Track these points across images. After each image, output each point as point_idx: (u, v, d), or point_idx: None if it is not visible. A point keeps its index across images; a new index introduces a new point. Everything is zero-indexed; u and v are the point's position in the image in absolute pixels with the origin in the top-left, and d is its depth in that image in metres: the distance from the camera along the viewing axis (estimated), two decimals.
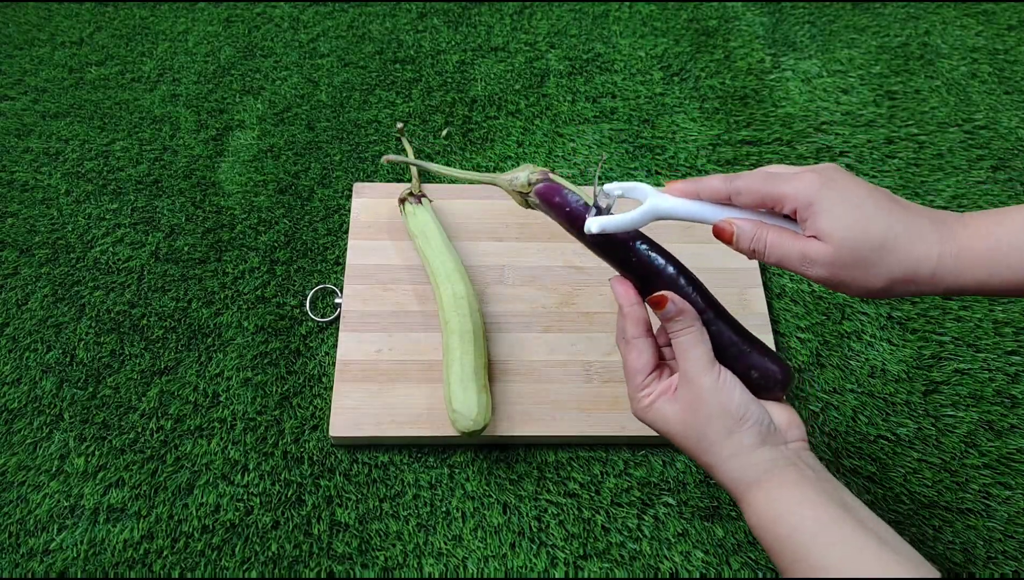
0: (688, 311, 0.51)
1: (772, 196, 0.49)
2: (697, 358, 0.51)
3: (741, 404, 0.50)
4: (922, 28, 1.01)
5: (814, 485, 0.48)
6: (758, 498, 0.49)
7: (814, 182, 0.48)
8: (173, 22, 0.98)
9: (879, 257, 0.47)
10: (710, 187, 0.51)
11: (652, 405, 0.52)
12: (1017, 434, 0.71)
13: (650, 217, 0.51)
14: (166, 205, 0.82)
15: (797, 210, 0.48)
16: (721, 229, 0.51)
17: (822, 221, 0.47)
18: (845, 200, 0.47)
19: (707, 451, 0.51)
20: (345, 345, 0.73)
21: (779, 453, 0.50)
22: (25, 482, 0.67)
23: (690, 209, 0.51)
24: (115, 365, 0.73)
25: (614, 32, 0.99)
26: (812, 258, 0.48)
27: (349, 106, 0.91)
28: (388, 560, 0.64)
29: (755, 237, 0.50)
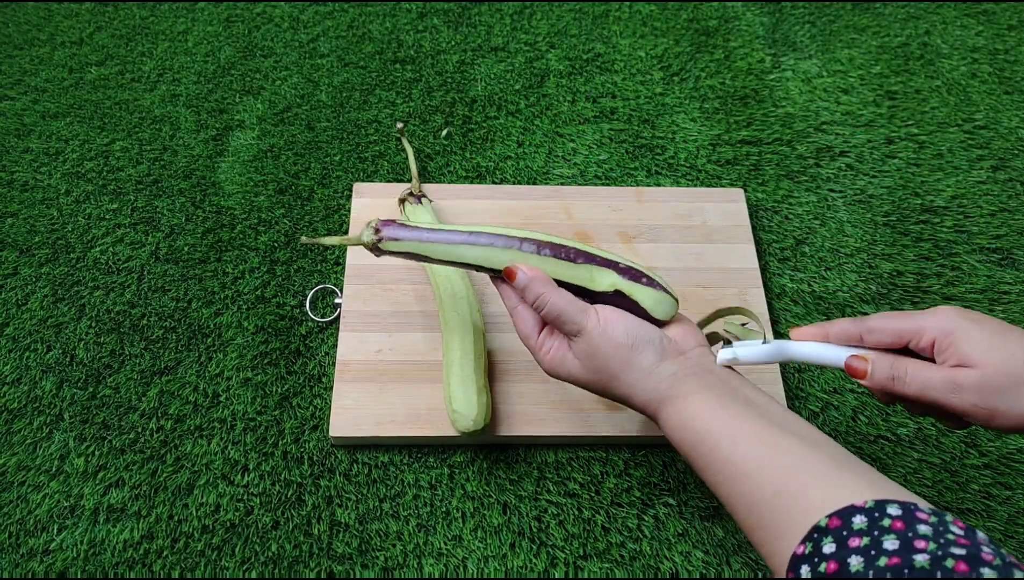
0: (538, 276, 0.54)
1: (909, 329, 0.49)
2: (567, 311, 0.53)
3: (627, 332, 0.52)
4: (922, 28, 1.01)
5: (715, 388, 0.50)
6: (668, 411, 0.51)
7: (951, 313, 0.48)
8: (173, 22, 0.98)
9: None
10: (840, 328, 0.52)
11: (556, 359, 0.55)
12: (1017, 434, 0.71)
13: (777, 357, 0.53)
14: (166, 205, 0.82)
15: (936, 340, 0.48)
16: (854, 367, 0.51)
17: (966, 347, 0.47)
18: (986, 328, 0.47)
19: (616, 385, 0.53)
20: (345, 345, 0.73)
21: (679, 364, 0.52)
22: (25, 482, 0.67)
23: (818, 351, 0.53)
24: (115, 365, 0.73)
25: (614, 32, 0.99)
26: (960, 383, 0.47)
27: (349, 106, 0.91)
28: (388, 560, 0.64)
29: (894, 366, 0.49)
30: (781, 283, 0.80)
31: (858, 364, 0.51)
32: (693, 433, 0.49)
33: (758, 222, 0.84)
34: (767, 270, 0.80)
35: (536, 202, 0.82)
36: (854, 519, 0.40)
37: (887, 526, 0.39)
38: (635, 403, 0.53)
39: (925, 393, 0.48)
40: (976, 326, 0.48)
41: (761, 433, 0.47)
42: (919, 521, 0.39)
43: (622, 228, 0.81)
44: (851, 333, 0.52)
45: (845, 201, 0.85)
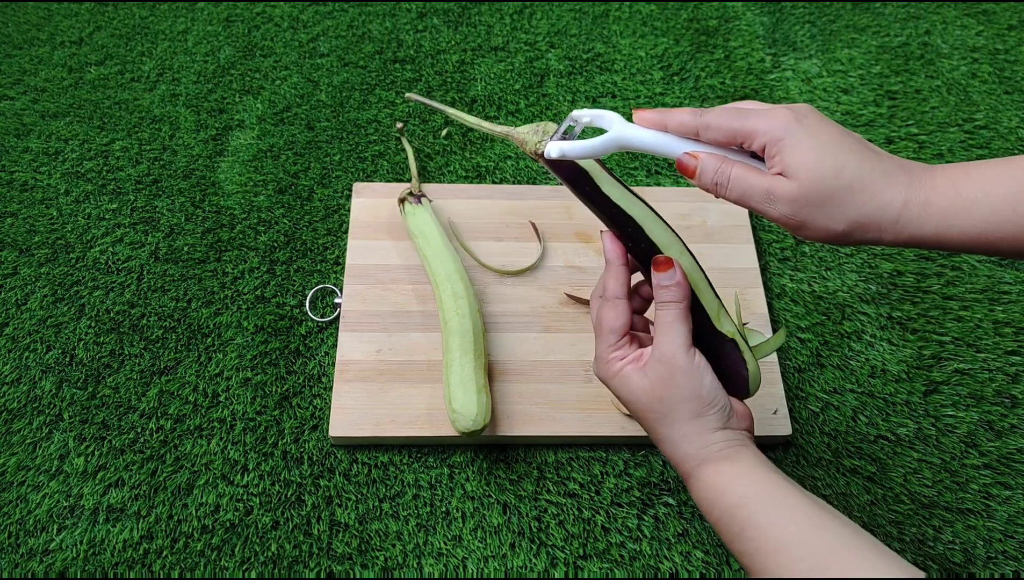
0: (684, 286, 0.51)
1: (742, 130, 0.48)
2: (677, 336, 0.51)
3: (711, 390, 0.51)
4: (922, 28, 1.01)
5: (763, 462, 0.49)
6: (708, 472, 0.50)
7: (786, 118, 0.47)
8: (173, 22, 0.98)
9: (844, 197, 0.45)
10: (678, 119, 0.50)
11: (621, 371, 0.52)
12: (1017, 434, 0.71)
13: (613, 145, 0.50)
14: (166, 205, 0.82)
15: (766, 146, 0.47)
16: (684, 163, 0.49)
17: (790, 157, 0.46)
18: (815, 138, 0.46)
19: (669, 427, 0.51)
20: (345, 345, 0.73)
21: (733, 434, 0.51)
22: (25, 482, 0.67)
23: (655, 140, 0.50)
24: (115, 365, 0.73)
25: (614, 32, 0.99)
26: (776, 195, 0.46)
27: (349, 106, 0.91)
28: (388, 560, 0.64)
29: (719, 171, 0.48)
30: (781, 283, 0.80)
31: (688, 161, 0.49)
32: (729, 497, 0.48)
33: (758, 222, 0.83)
34: (767, 270, 0.80)
35: (536, 202, 0.82)
36: None
37: None
38: (673, 453, 0.51)
39: (743, 200, 0.48)
40: (806, 136, 0.46)
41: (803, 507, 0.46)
42: None
43: None
44: (688, 126, 0.49)
45: None
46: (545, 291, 0.77)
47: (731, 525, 0.47)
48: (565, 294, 0.76)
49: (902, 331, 0.77)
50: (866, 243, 0.47)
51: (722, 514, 0.48)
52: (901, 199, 0.45)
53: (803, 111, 0.48)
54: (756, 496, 0.47)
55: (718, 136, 0.49)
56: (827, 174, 0.45)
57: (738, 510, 0.47)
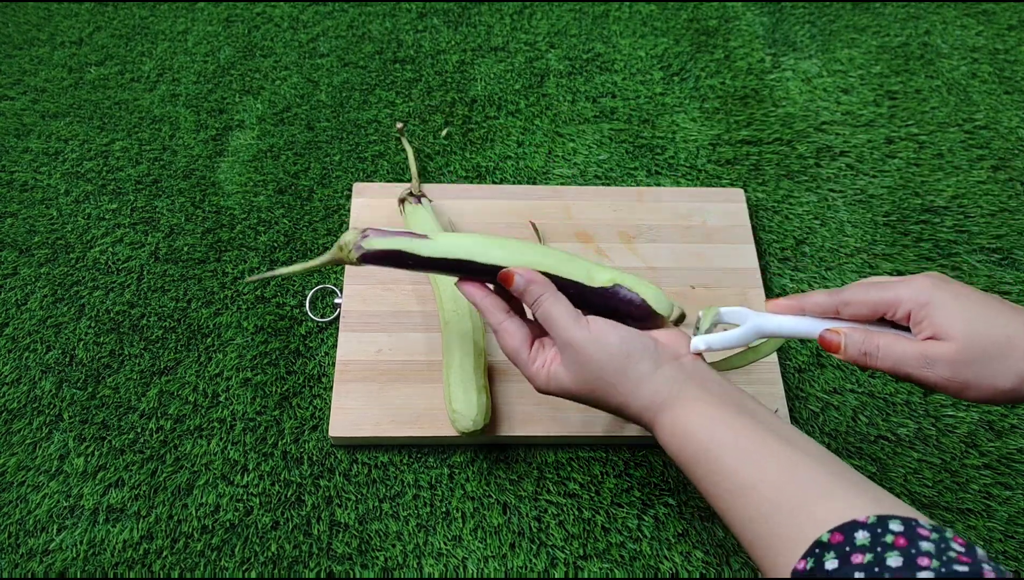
0: (536, 278, 0.53)
1: (884, 301, 0.48)
2: (561, 318, 0.52)
3: (622, 342, 0.51)
4: (922, 28, 1.01)
5: (715, 397, 0.49)
6: (666, 420, 0.50)
7: (927, 283, 0.48)
8: (173, 22, 0.98)
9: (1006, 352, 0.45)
10: (815, 301, 0.51)
11: (548, 375, 0.54)
12: (1017, 434, 0.71)
13: (752, 335, 0.52)
14: (166, 205, 0.82)
15: (911, 312, 0.48)
16: (828, 340, 0.50)
17: (940, 319, 0.46)
18: (962, 300, 0.47)
19: (611, 395, 0.52)
20: (345, 345, 0.73)
21: (675, 369, 0.51)
22: (25, 482, 0.67)
23: (795, 324, 0.52)
24: (115, 365, 0.73)
25: (614, 32, 0.99)
26: (933, 358, 0.46)
27: (349, 106, 0.91)
28: (388, 560, 0.64)
29: (865, 341, 0.49)
30: (781, 283, 0.80)
31: (832, 338, 0.50)
32: (691, 443, 0.48)
33: (758, 222, 0.83)
34: (767, 270, 0.80)
35: (536, 202, 0.82)
36: (856, 534, 0.39)
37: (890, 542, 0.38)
38: (631, 412, 0.52)
39: (899, 368, 0.48)
40: (951, 297, 0.47)
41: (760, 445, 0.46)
42: (921, 537, 0.38)
43: (622, 228, 0.80)
44: (826, 306, 0.51)
45: (845, 201, 0.85)
46: None
47: (695, 469, 0.48)
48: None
49: None
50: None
51: (687, 459, 0.49)
52: None
53: (939, 277, 0.49)
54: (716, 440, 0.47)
55: (860, 310, 0.50)
56: (982, 331, 0.46)
57: (700, 456, 0.48)
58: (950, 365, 0.46)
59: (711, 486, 0.47)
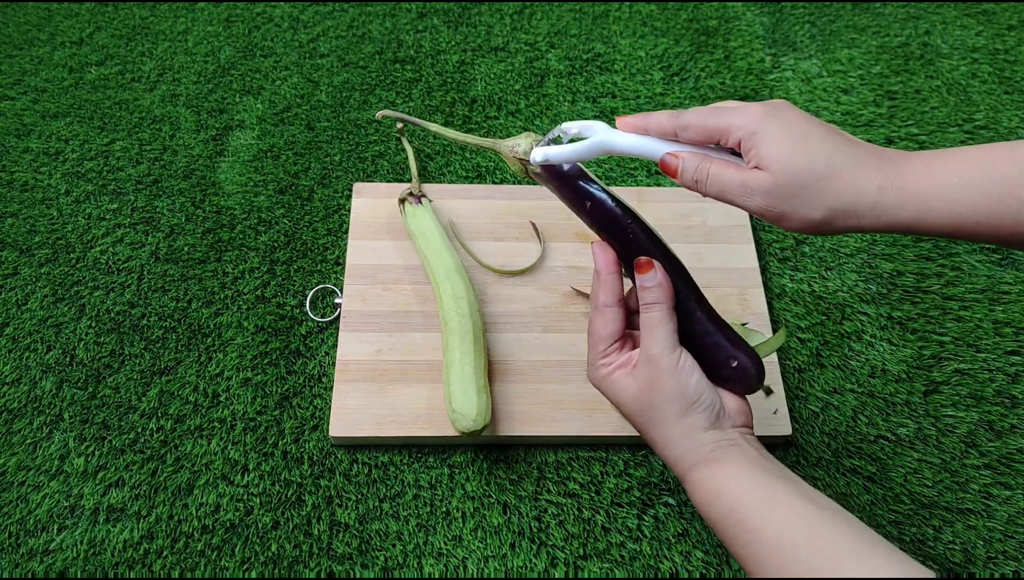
0: (667, 286, 0.52)
1: (718, 127, 0.49)
2: (662, 337, 0.51)
3: (696, 388, 0.51)
4: (922, 28, 1.01)
5: (755, 462, 0.49)
6: (702, 475, 0.50)
7: (759, 112, 0.48)
8: (173, 22, 0.98)
9: (820, 186, 0.46)
10: (657, 122, 0.51)
11: (610, 376, 0.53)
12: (1017, 434, 0.71)
13: (597, 149, 0.51)
14: (166, 205, 0.82)
15: (741, 141, 0.48)
16: (667, 163, 0.51)
17: (764, 150, 0.47)
18: (788, 130, 0.47)
19: (657, 429, 0.51)
20: (345, 345, 0.73)
21: (724, 435, 0.51)
22: (25, 482, 0.67)
23: (637, 143, 0.52)
24: (115, 365, 0.73)
25: (614, 32, 0.99)
26: (752, 187, 0.47)
27: (349, 106, 0.91)
28: (388, 560, 0.64)
29: (698, 168, 0.49)
30: (781, 283, 0.80)
31: (670, 161, 0.51)
32: (724, 501, 0.48)
33: (758, 222, 0.83)
34: (767, 270, 0.80)
35: (536, 202, 0.82)
36: None
37: None
38: (665, 454, 0.52)
39: (723, 195, 0.49)
40: (780, 126, 0.47)
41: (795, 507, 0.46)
42: None
43: None
44: (667, 127, 0.51)
45: None
46: (545, 291, 0.77)
47: (727, 528, 0.48)
48: (571, 288, 0.76)
49: (902, 331, 0.77)
50: (846, 231, 0.47)
51: (718, 517, 0.48)
52: (876, 184, 0.46)
53: (777, 105, 0.49)
54: (751, 499, 0.47)
55: (695, 135, 0.50)
56: (800, 163, 0.46)
57: (733, 514, 0.47)
58: (766, 195, 0.47)
59: (741, 545, 0.47)
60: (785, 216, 0.47)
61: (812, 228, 0.47)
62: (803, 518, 0.45)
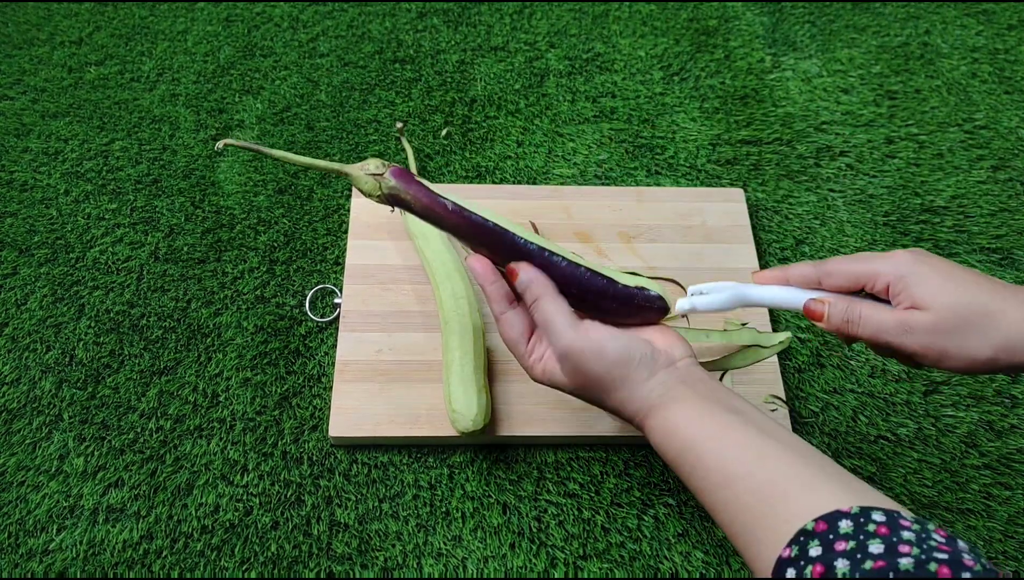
0: (537, 279, 0.53)
1: (865, 272, 0.50)
2: (560, 327, 0.52)
3: (618, 350, 0.51)
4: (922, 28, 1.01)
5: (702, 396, 0.50)
6: (654, 422, 0.50)
7: (907, 256, 0.49)
8: (172, 22, 0.98)
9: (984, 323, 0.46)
10: (799, 272, 0.53)
11: (545, 369, 0.54)
12: (1017, 434, 0.71)
13: (738, 302, 0.53)
14: (165, 205, 0.82)
15: (890, 285, 0.49)
16: (812, 308, 0.52)
17: (921, 291, 0.47)
18: (941, 272, 0.48)
19: (605, 398, 0.53)
20: (345, 345, 0.72)
21: (669, 374, 0.52)
22: (24, 482, 0.67)
23: (779, 294, 0.53)
24: (114, 365, 0.73)
25: (614, 32, 0.99)
26: (912, 326, 0.48)
27: (349, 106, 0.91)
28: (388, 560, 0.64)
29: (848, 309, 0.50)
30: None
31: (816, 306, 0.51)
32: (679, 441, 0.49)
33: (758, 222, 0.83)
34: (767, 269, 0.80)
35: (536, 202, 0.82)
36: (840, 523, 0.40)
37: (872, 531, 0.39)
38: (624, 415, 0.53)
39: (879, 336, 0.49)
40: (930, 269, 0.48)
41: (746, 440, 0.46)
42: (903, 527, 0.39)
43: (622, 228, 0.80)
44: (810, 276, 0.52)
45: (845, 201, 0.85)
46: None
47: (683, 466, 0.49)
48: None
49: None
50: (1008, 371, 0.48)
51: (675, 456, 0.49)
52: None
53: (920, 251, 0.50)
54: (699, 436, 0.48)
55: (841, 281, 0.51)
56: (962, 302, 0.47)
57: (688, 452, 0.48)
58: (928, 333, 0.47)
59: (697, 481, 0.48)
60: (947, 355, 0.47)
61: (976, 367, 0.47)
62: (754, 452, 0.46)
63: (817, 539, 0.40)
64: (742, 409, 0.49)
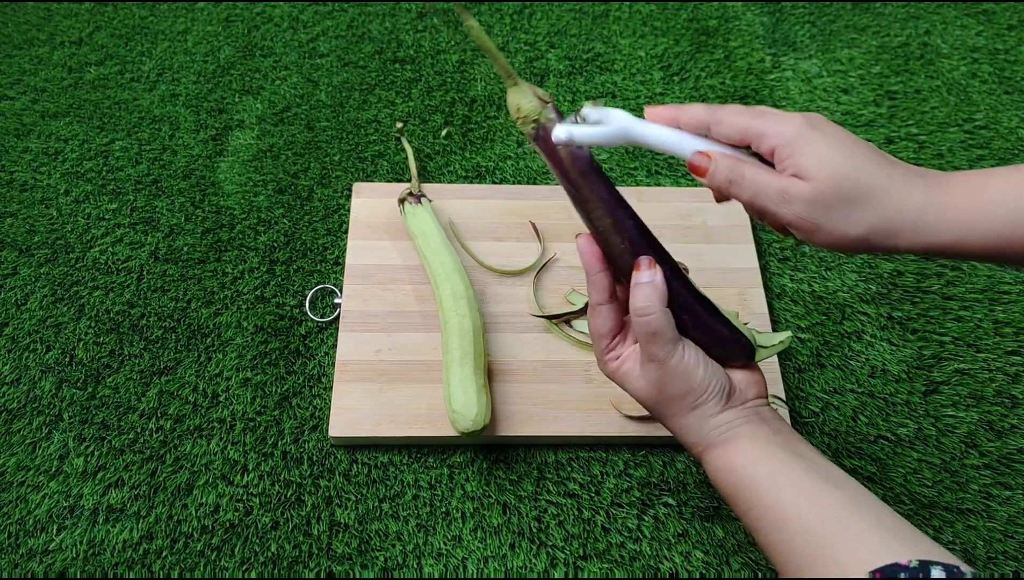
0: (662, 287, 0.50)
1: (755, 129, 0.47)
2: (661, 340, 0.50)
3: (703, 380, 0.51)
4: (922, 28, 1.01)
5: (766, 436, 0.49)
6: (715, 456, 0.50)
7: (799, 121, 0.46)
8: (172, 22, 0.98)
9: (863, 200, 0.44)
10: (691, 114, 0.49)
11: (619, 370, 0.54)
12: (1017, 434, 0.71)
13: (622, 136, 0.49)
14: (165, 205, 0.82)
15: (776, 149, 0.46)
16: (697, 162, 0.48)
17: (805, 159, 0.45)
18: (831, 142, 0.45)
19: (671, 421, 0.53)
20: (345, 345, 0.72)
21: (737, 414, 0.51)
22: (24, 482, 0.67)
23: (666, 134, 0.49)
24: (114, 365, 0.73)
25: (614, 32, 0.99)
26: (791, 194, 0.45)
27: (349, 106, 0.91)
28: (388, 560, 0.64)
29: (732, 169, 0.47)
30: (781, 283, 0.80)
31: (701, 160, 0.48)
32: (737, 477, 0.48)
33: (758, 222, 0.83)
34: (767, 270, 0.80)
35: (536, 202, 0.82)
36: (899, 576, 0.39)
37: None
38: (684, 441, 0.53)
39: (756, 199, 0.47)
40: (821, 137, 0.45)
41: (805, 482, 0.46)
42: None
43: None
44: (702, 120, 0.49)
45: None
46: (545, 291, 0.77)
47: (739, 503, 0.49)
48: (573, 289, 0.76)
49: (902, 331, 0.77)
50: (880, 250, 0.46)
51: (731, 493, 0.49)
52: (919, 203, 0.44)
53: (816, 118, 0.47)
54: (758, 475, 0.48)
55: (730, 132, 0.48)
56: (845, 175, 0.44)
57: (744, 490, 0.48)
58: (805, 204, 0.45)
59: (752, 521, 0.47)
60: (820, 229, 0.45)
61: (847, 244, 0.45)
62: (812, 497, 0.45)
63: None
64: (805, 454, 0.49)
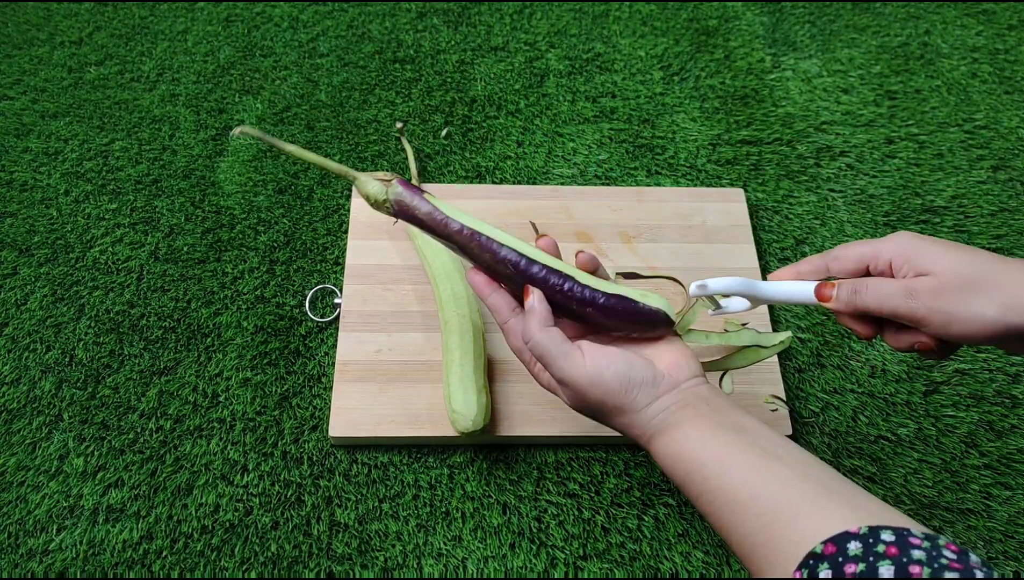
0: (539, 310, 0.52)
1: (868, 252, 0.52)
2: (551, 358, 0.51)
3: (617, 376, 0.50)
4: (922, 28, 1.01)
5: (706, 416, 0.50)
6: (660, 444, 0.50)
7: (907, 235, 0.51)
8: (172, 22, 0.98)
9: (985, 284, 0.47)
10: (810, 263, 0.54)
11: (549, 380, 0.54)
12: (1017, 434, 0.71)
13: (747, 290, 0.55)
14: (165, 205, 0.82)
15: (893, 260, 0.50)
16: (821, 291, 0.53)
17: (923, 259, 0.49)
18: (942, 244, 0.50)
19: (609, 421, 0.53)
20: (345, 345, 0.72)
21: (673, 397, 0.51)
22: (24, 482, 0.67)
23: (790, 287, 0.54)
24: (114, 365, 0.73)
25: (614, 32, 0.99)
26: (917, 289, 0.48)
27: (349, 106, 0.91)
28: (388, 560, 0.64)
29: (854, 282, 0.51)
30: None
31: (825, 289, 0.53)
32: (683, 464, 0.49)
33: (758, 222, 0.83)
34: (767, 270, 0.80)
35: (536, 202, 0.82)
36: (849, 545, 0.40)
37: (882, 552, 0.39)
38: (630, 435, 0.52)
39: (883, 302, 0.50)
40: (932, 241, 0.50)
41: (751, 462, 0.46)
42: (913, 546, 0.39)
43: (622, 228, 0.80)
44: (819, 266, 0.54)
45: (845, 201, 0.85)
46: None
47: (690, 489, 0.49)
48: None
49: None
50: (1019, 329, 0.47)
51: (681, 480, 0.49)
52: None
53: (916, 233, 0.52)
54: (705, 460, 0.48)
55: (847, 264, 0.53)
56: (963, 265, 0.48)
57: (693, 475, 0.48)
58: (933, 295, 0.48)
59: (705, 504, 0.48)
60: (954, 318, 0.47)
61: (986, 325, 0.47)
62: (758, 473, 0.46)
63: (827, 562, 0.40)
64: (747, 427, 0.49)
